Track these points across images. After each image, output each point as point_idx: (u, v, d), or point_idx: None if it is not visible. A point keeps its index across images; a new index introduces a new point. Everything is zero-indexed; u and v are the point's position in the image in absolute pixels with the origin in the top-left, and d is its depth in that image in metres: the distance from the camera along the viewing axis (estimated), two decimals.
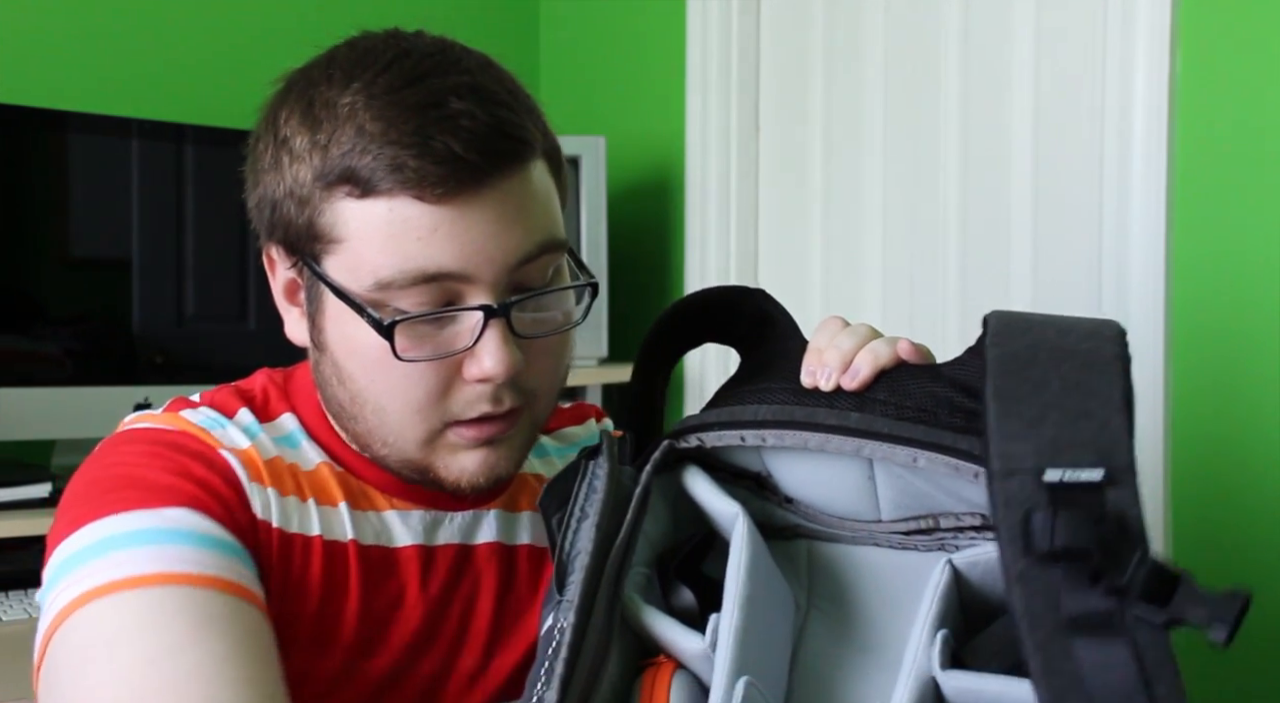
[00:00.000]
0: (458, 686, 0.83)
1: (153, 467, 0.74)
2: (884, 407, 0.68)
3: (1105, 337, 0.65)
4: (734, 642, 0.65)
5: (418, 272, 0.72)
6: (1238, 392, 1.42)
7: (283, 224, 0.77)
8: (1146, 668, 0.54)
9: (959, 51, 1.77)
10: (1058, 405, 0.61)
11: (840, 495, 0.74)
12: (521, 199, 0.74)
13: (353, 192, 0.73)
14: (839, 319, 0.76)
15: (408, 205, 0.72)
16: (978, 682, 0.63)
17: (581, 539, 0.69)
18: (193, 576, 0.68)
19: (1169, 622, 0.55)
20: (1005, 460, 0.60)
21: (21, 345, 1.71)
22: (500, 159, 0.73)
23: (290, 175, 0.75)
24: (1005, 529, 0.58)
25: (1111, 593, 0.56)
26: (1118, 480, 0.59)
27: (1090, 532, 0.56)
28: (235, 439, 0.78)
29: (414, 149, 0.71)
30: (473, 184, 0.72)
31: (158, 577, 0.67)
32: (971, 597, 0.69)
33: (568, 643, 0.64)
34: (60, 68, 1.89)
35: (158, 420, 0.79)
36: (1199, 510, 1.45)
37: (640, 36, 2.24)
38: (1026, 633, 0.56)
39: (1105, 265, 1.55)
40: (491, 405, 0.76)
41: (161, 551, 0.69)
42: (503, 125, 0.73)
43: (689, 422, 0.74)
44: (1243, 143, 1.41)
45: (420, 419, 0.76)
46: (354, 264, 0.74)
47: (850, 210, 1.93)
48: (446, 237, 0.72)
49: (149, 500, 0.71)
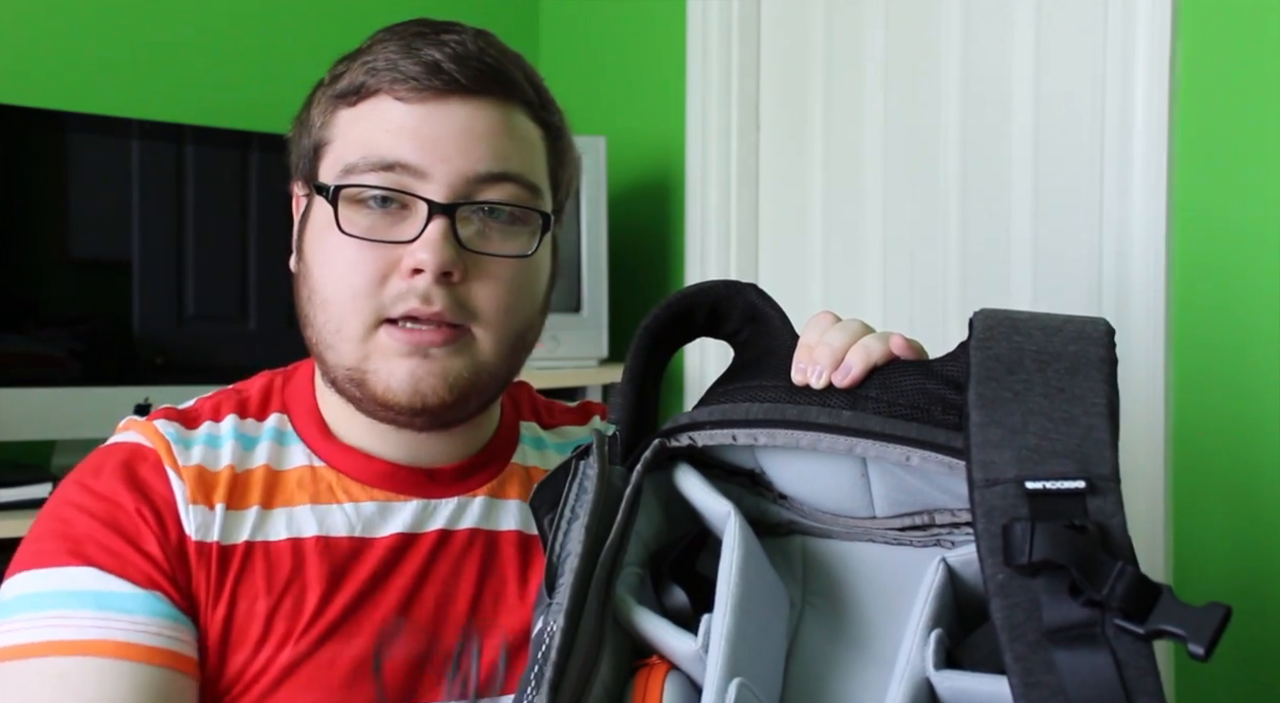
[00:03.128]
0: (435, 671, 0.83)
1: (85, 512, 0.80)
2: (876, 404, 0.68)
3: (1092, 338, 0.65)
4: (726, 644, 0.65)
5: (378, 158, 0.80)
6: (1238, 390, 1.42)
7: (300, 154, 0.87)
8: (1127, 680, 0.54)
9: (959, 51, 1.77)
10: (1041, 413, 0.61)
11: (834, 493, 0.74)
12: (493, 125, 0.81)
13: (348, 101, 0.82)
14: (829, 314, 0.76)
15: (387, 103, 0.81)
16: (971, 682, 0.62)
17: (571, 541, 0.69)
18: (70, 642, 0.75)
19: (1149, 634, 0.55)
20: (986, 470, 0.60)
21: (22, 346, 1.71)
22: (478, 79, 0.81)
23: (314, 111, 0.86)
24: (986, 540, 0.58)
25: (1091, 605, 0.56)
26: (1099, 489, 0.58)
27: (1070, 544, 0.56)
28: (194, 458, 0.83)
29: (402, 54, 0.81)
30: (446, 92, 0.80)
31: (33, 647, 0.75)
32: (967, 595, 0.69)
33: (556, 647, 0.64)
34: (60, 68, 1.89)
35: (134, 431, 0.86)
36: (1200, 509, 1.45)
37: (640, 36, 2.24)
38: (1007, 644, 0.56)
39: (1105, 265, 1.55)
40: (420, 302, 0.79)
41: (50, 617, 0.76)
42: (487, 57, 0.82)
43: (680, 420, 0.74)
44: (1243, 143, 1.41)
45: (355, 310, 0.80)
46: (334, 160, 0.82)
47: (850, 210, 1.93)
48: (412, 133, 0.80)
49: (61, 557, 0.78)
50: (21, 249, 1.71)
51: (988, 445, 0.60)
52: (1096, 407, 0.61)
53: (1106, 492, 0.58)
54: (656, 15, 2.19)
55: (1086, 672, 0.54)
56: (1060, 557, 0.55)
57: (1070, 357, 0.63)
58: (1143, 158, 1.48)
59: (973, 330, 0.67)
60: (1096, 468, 0.59)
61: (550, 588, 0.68)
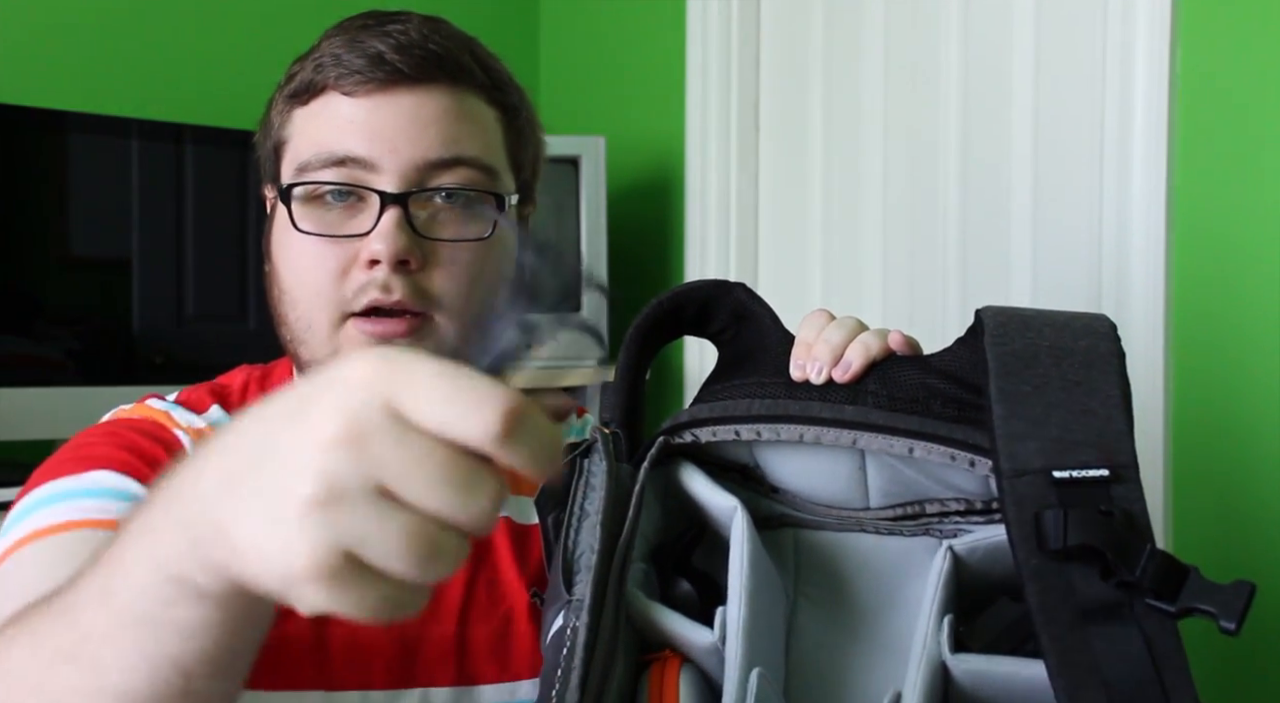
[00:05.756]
0: (430, 655, 0.83)
1: (100, 443, 0.81)
2: (877, 398, 0.69)
3: (1100, 333, 0.68)
4: (743, 635, 0.66)
5: (329, 154, 0.80)
6: (1237, 389, 1.42)
7: (264, 157, 0.87)
8: (1157, 656, 0.56)
9: (959, 51, 1.77)
10: (1061, 405, 0.63)
11: (830, 485, 0.74)
12: (442, 110, 0.81)
13: (301, 100, 0.83)
14: (825, 312, 0.76)
15: (335, 100, 0.81)
16: (988, 664, 0.64)
17: (586, 538, 0.69)
18: (95, 521, 0.74)
19: (1180, 612, 0.57)
20: (1014, 460, 0.62)
21: (22, 346, 1.71)
22: (422, 67, 0.80)
23: (273, 113, 0.86)
24: (1018, 527, 0.60)
25: (1123, 587, 0.58)
26: (1122, 477, 0.61)
27: (1101, 529, 0.58)
28: (193, 421, 0.85)
29: (347, 48, 0.81)
30: (392, 84, 0.80)
31: (63, 526, 0.75)
32: (970, 580, 0.70)
33: (583, 643, 0.64)
34: (60, 68, 1.89)
35: (128, 411, 0.87)
36: (1200, 506, 1.45)
37: (640, 36, 2.24)
38: (1042, 626, 0.58)
39: (1105, 264, 1.55)
40: (380, 292, 0.79)
41: (72, 505, 0.76)
42: (431, 44, 0.81)
43: (681, 418, 0.75)
44: (1243, 142, 1.41)
45: (321, 306, 0.81)
46: (290, 160, 0.83)
47: (850, 210, 1.93)
48: (361, 126, 0.80)
49: (80, 467, 0.79)
50: (21, 249, 1.71)
51: (1013, 438, 0.62)
52: (1112, 399, 0.63)
53: (1128, 479, 0.61)
54: (656, 15, 2.19)
55: (1119, 650, 0.57)
56: (1095, 541, 0.58)
57: (1082, 351, 0.66)
58: (1142, 158, 1.48)
59: (983, 327, 0.68)
60: (1118, 457, 0.61)
61: (568, 585, 0.68)
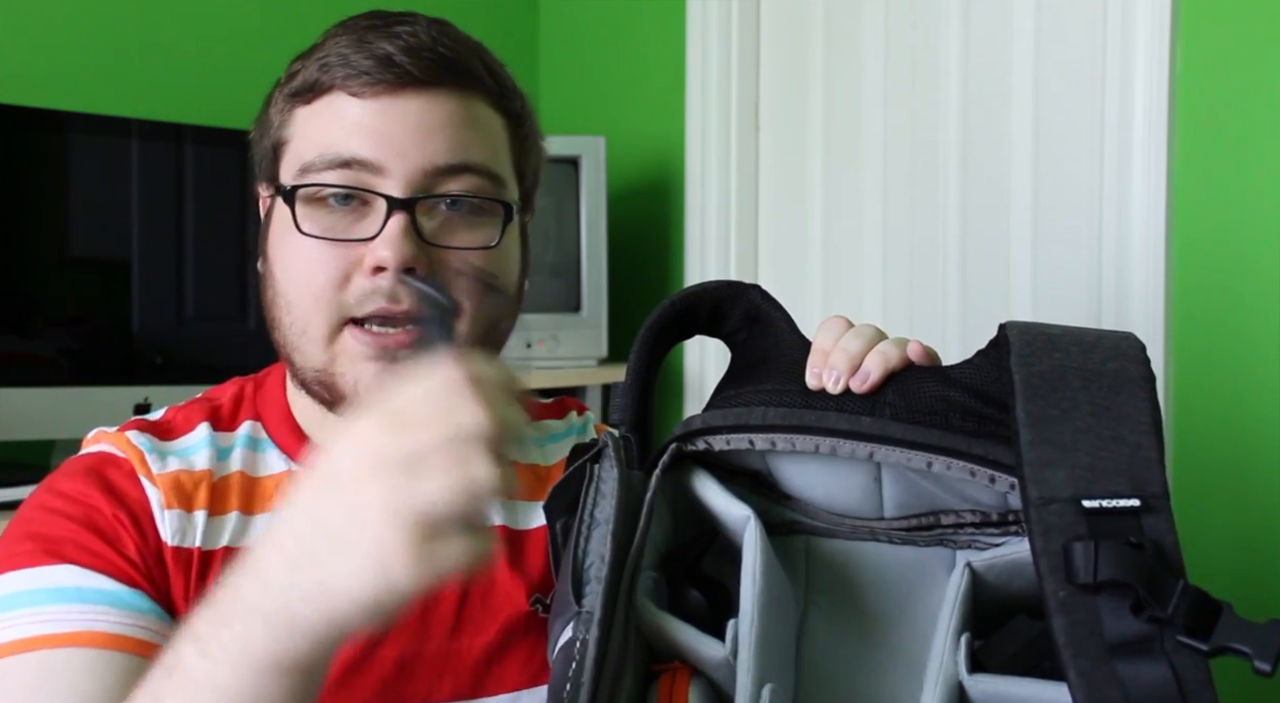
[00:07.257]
0: (425, 670, 0.82)
1: (62, 520, 0.78)
2: (894, 410, 0.67)
3: (1129, 356, 0.65)
4: (754, 651, 0.65)
5: (334, 156, 0.79)
6: (1237, 391, 1.42)
7: (261, 155, 0.85)
8: (1187, 693, 0.55)
9: (959, 51, 1.77)
10: (1090, 431, 0.61)
11: (844, 495, 0.73)
12: (450, 116, 0.80)
13: (304, 99, 0.81)
14: (843, 319, 0.75)
15: (341, 100, 0.80)
16: (1005, 685, 0.63)
17: (596, 547, 0.68)
18: (53, 635, 0.72)
19: (1214, 651, 0.56)
20: (1042, 488, 0.60)
21: (21, 346, 1.70)
22: (432, 71, 0.79)
23: (272, 110, 0.84)
24: (1046, 558, 0.58)
25: (1152, 621, 0.57)
26: (1153, 507, 0.59)
27: (1132, 562, 0.57)
28: (169, 466, 0.82)
29: (354, 48, 0.79)
30: (401, 87, 0.79)
31: (24, 643, 0.72)
32: (988, 596, 0.69)
33: (593, 659, 0.63)
34: (60, 68, 1.89)
35: (105, 442, 0.84)
36: (1199, 510, 1.45)
37: (640, 36, 2.24)
38: (1070, 660, 0.56)
39: (1105, 264, 1.55)
40: (388, 300, 0.78)
41: (33, 614, 0.73)
42: (441, 47, 0.80)
43: (694, 424, 0.73)
44: (1243, 141, 1.41)
45: (318, 311, 0.79)
46: (292, 160, 0.81)
47: (850, 210, 1.93)
48: (368, 129, 0.78)
49: (37, 559, 0.76)
50: (21, 249, 1.71)
51: (1040, 464, 0.60)
52: (1142, 425, 0.61)
53: (1159, 509, 0.59)
54: (656, 15, 2.19)
55: (1147, 686, 0.55)
56: (1125, 576, 0.56)
57: (1111, 374, 0.64)
58: (1142, 158, 1.48)
59: (1009, 344, 0.66)
60: (1149, 486, 0.60)
61: (578, 597, 0.66)
